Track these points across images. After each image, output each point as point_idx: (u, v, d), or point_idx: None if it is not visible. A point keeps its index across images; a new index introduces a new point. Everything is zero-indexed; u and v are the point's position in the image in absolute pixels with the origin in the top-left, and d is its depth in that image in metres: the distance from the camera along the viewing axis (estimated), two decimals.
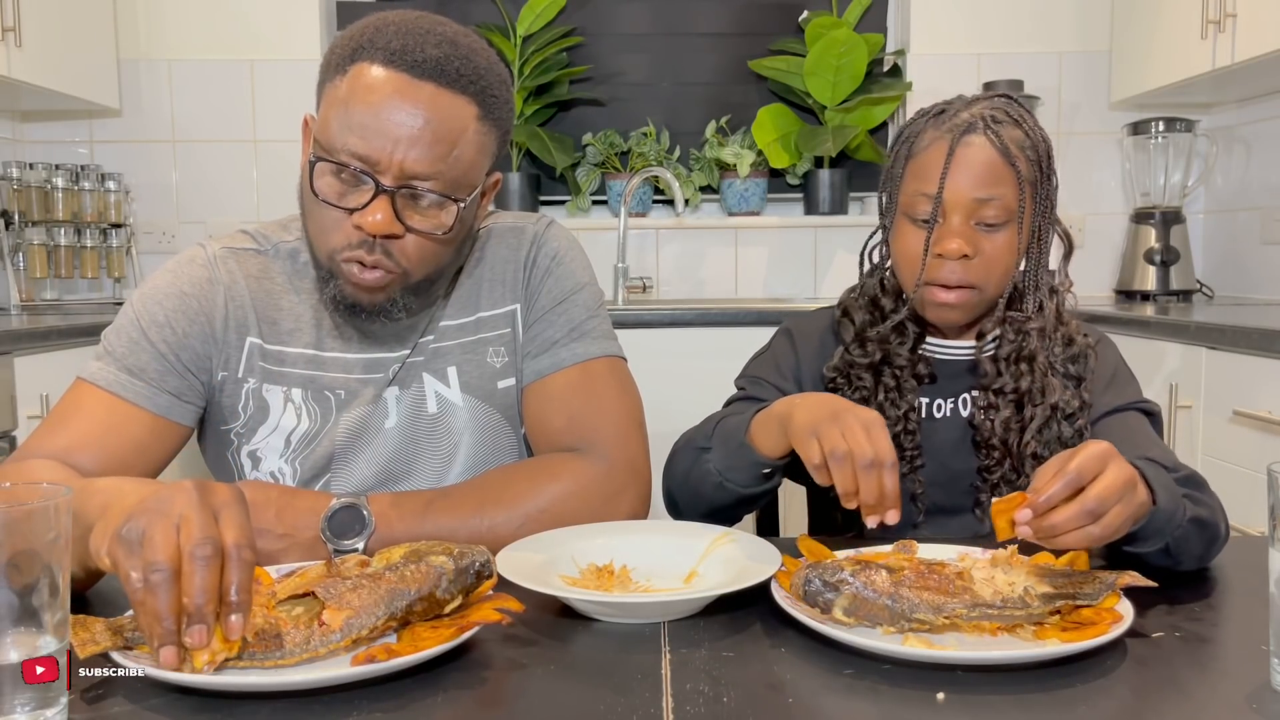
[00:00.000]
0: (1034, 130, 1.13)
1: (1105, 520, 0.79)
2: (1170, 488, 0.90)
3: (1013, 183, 1.10)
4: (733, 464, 1.04)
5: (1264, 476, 0.67)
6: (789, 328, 1.28)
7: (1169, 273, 2.79)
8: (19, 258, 2.66)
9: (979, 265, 1.10)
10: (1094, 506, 0.78)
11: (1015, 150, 1.10)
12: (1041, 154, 1.12)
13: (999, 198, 1.09)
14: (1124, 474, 0.81)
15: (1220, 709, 0.65)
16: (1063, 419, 1.11)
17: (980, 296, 1.12)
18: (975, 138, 1.10)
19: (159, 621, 0.66)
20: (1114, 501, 0.79)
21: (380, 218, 0.98)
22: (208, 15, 2.94)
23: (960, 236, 1.09)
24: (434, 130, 0.98)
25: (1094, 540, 0.80)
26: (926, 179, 1.11)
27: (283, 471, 1.11)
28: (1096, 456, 0.80)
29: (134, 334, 1.07)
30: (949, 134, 1.10)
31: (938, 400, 1.18)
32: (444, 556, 0.76)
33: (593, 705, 0.65)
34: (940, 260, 1.10)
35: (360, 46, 1.00)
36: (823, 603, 0.76)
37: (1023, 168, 1.10)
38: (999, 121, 1.11)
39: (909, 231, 1.13)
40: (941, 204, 1.10)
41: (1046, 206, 1.14)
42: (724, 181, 3.06)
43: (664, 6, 3.11)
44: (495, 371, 1.15)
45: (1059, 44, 3.01)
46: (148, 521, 0.68)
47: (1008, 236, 1.11)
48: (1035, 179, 1.12)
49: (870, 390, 1.16)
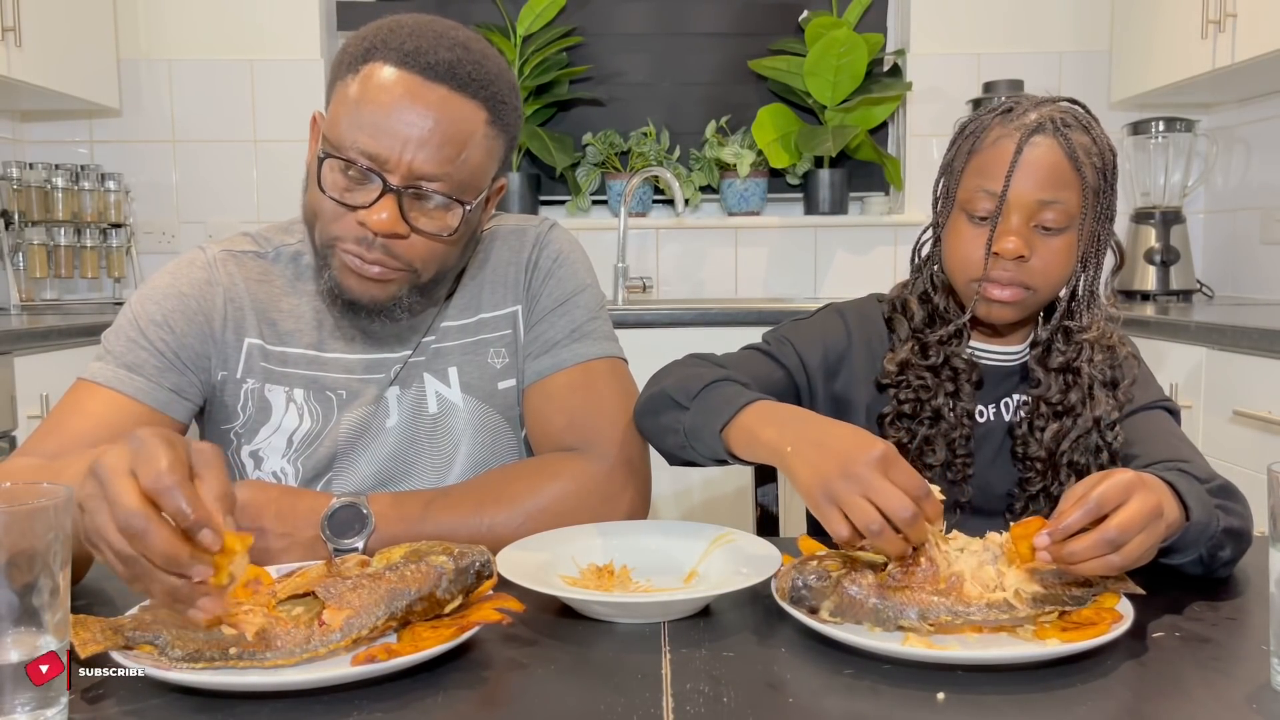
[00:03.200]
0: (1101, 138, 1.10)
1: (1126, 550, 0.77)
2: (1204, 500, 0.88)
3: (1076, 188, 1.07)
4: (701, 439, 0.99)
5: (1264, 476, 0.67)
6: (841, 309, 1.22)
7: (1169, 273, 2.79)
8: (19, 258, 2.66)
9: (1035, 267, 1.08)
10: (1114, 536, 0.76)
11: (1082, 156, 1.07)
12: (1107, 162, 1.10)
13: (1062, 202, 1.07)
14: (1148, 504, 0.79)
15: (1220, 709, 0.65)
16: (1105, 428, 1.10)
17: (1034, 298, 1.10)
18: (1043, 139, 1.07)
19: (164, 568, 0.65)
20: (1136, 531, 0.77)
21: (386, 216, 0.98)
22: (208, 15, 2.94)
23: (1019, 236, 1.07)
24: (443, 132, 0.98)
25: (1114, 568, 0.78)
26: (990, 176, 1.08)
27: (285, 471, 1.11)
28: (1121, 486, 0.78)
29: (132, 333, 1.08)
30: (1017, 132, 1.08)
31: (979, 405, 1.15)
32: (444, 556, 0.76)
33: (593, 705, 0.65)
34: (996, 258, 1.08)
35: (373, 46, 1.00)
36: (809, 604, 0.76)
37: (1088, 174, 1.08)
38: (1068, 125, 1.08)
39: (965, 228, 1.11)
40: (1005, 203, 1.07)
41: (1106, 216, 1.12)
42: (724, 181, 3.06)
43: (664, 6, 3.11)
44: (496, 372, 1.16)
45: (1059, 44, 3.01)
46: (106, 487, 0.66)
47: (1066, 242, 1.08)
48: (1099, 187, 1.09)
49: (931, 391, 1.12)
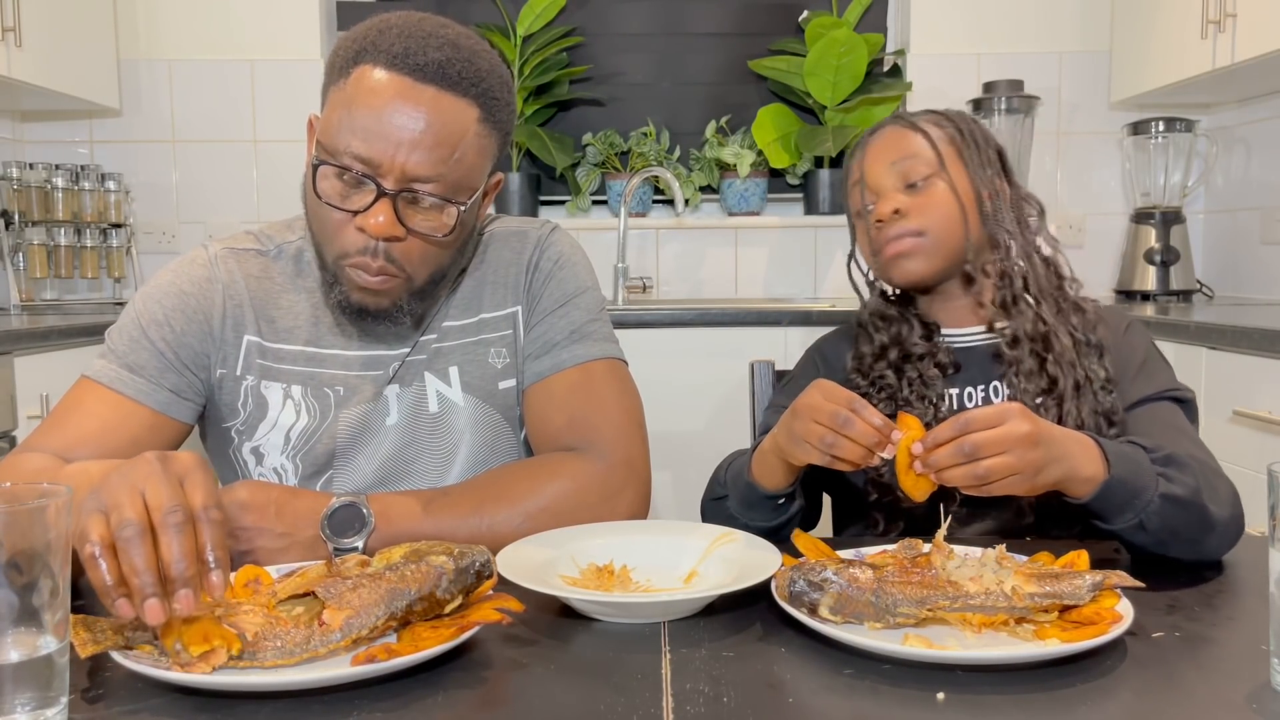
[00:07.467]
0: (951, 112, 1.22)
1: (989, 464, 0.85)
2: (1135, 462, 0.93)
3: (924, 143, 1.18)
4: (747, 502, 1.07)
5: (1264, 476, 0.67)
6: (816, 345, 1.33)
7: (1169, 273, 2.79)
8: (19, 258, 2.66)
9: (914, 215, 1.16)
10: (969, 449, 0.85)
11: (921, 121, 1.20)
12: (956, 121, 1.20)
13: (910, 156, 1.17)
14: (1018, 430, 0.86)
15: (1220, 709, 0.65)
16: (1099, 388, 1.11)
17: (931, 241, 1.16)
18: (882, 129, 1.22)
19: (136, 575, 0.66)
20: (996, 451, 0.85)
21: (382, 220, 0.98)
22: (208, 15, 2.94)
23: (888, 201, 1.17)
24: (435, 133, 0.98)
25: (979, 478, 0.86)
26: (854, 174, 1.22)
27: (284, 468, 1.12)
28: (996, 410, 0.87)
29: (134, 332, 1.09)
30: (864, 139, 1.24)
31: (968, 389, 1.17)
32: (444, 556, 0.76)
33: (593, 705, 0.65)
34: (880, 226, 1.18)
35: (363, 49, 1.00)
36: (809, 602, 0.76)
37: (930, 129, 1.19)
38: (912, 115, 1.21)
39: (859, 227, 1.24)
40: (866, 185, 1.19)
41: (982, 164, 1.18)
42: (724, 181, 3.06)
43: (664, 6, 3.11)
44: (496, 372, 1.16)
45: (1059, 44, 3.01)
46: (109, 493, 0.70)
47: (938, 188, 1.17)
48: (951, 138, 1.18)
49: (895, 385, 1.17)
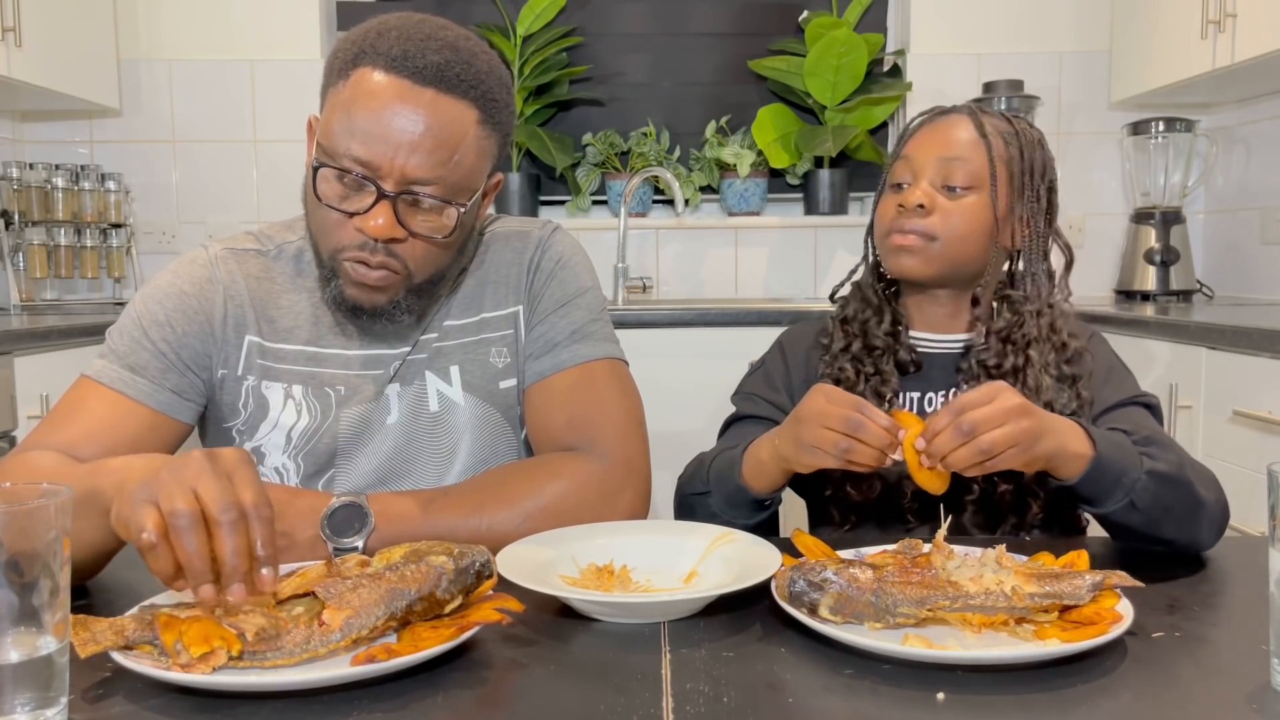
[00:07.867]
0: (1022, 125, 1.17)
1: (989, 438, 0.86)
2: (1118, 442, 0.93)
3: (983, 153, 1.13)
4: (732, 503, 1.07)
5: (1264, 476, 0.67)
6: (781, 339, 1.31)
7: (1169, 273, 2.79)
8: (19, 258, 2.66)
9: (938, 219, 1.13)
10: (968, 427, 0.86)
11: (991, 128, 1.14)
12: (1024, 142, 1.15)
13: (964, 160, 1.13)
14: (1009, 403, 0.88)
15: (1220, 709, 0.65)
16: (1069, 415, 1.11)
17: (939, 249, 1.14)
18: (955, 115, 1.16)
19: (190, 562, 0.70)
20: (993, 425, 0.87)
21: (382, 222, 0.99)
22: (208, 15, 2.94)
23: (922, 192, 1.13)
24: (435, 136, 0.98)
25: (983, 453, 0.86)
26: (904, 147, 1.19)
27: (286, 468, 1.12)
28: (985, 389, 0.89)
29: (135, 333, 1.09)
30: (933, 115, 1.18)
31: (929, 394, 1.17)
32: (444, 556, 0.76)
33: (593, 705, 0.65)
34: (901, 210, 1.15)
35: (362, 51, 1.00)
36: (809, 603, 0.76)
37: (996, 144, 1.14)
38: (985, 112, 1.16)
39: (887, 196, 1.20)
40: (910, 164, 1.15)
41: (1036, 200, 1.16)
42: (724, 181, 3.06)
43: (664, 6, 3.11)
44: (497, 372, 1.16)
45: (1059, 44, 3.01)
46: (160, 485, 0.72)
47: (973, 203, 1.13)
48: (1011, 160, 1.14)
49: (852, 380, 1.17)
